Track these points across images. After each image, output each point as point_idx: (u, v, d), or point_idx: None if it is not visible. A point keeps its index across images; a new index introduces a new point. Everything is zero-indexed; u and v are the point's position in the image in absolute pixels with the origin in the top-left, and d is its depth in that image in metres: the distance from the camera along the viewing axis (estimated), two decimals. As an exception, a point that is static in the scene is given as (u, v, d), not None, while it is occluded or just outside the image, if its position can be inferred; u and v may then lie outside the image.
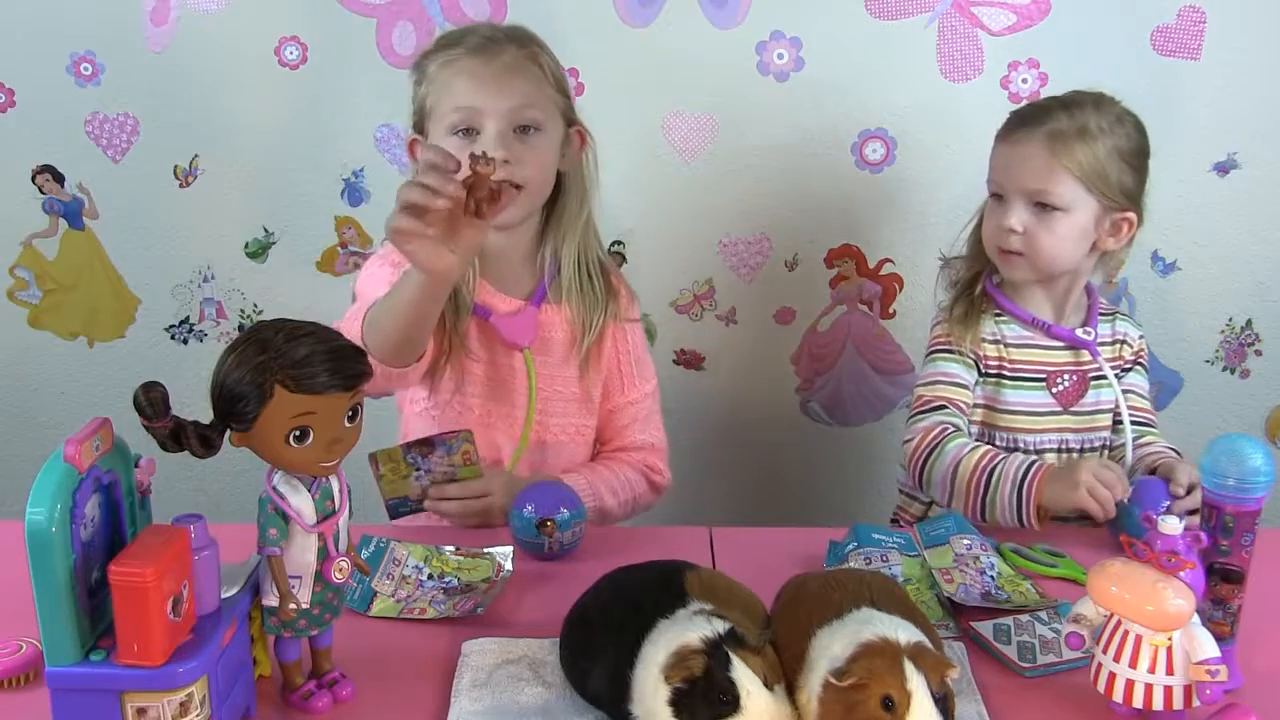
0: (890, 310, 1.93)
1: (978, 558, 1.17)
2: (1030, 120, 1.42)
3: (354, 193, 1.88)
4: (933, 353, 1.49)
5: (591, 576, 0.95)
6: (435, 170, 1.00)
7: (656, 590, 0.87)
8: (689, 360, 1.95)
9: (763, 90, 1.81)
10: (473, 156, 1.01)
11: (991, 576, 1.14)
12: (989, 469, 1.32)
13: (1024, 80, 1.79)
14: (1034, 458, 1.35)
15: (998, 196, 1.45)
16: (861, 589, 0.87)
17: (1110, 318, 1.53)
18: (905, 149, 1.84)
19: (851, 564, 1.16)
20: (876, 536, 1.21)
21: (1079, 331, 1.47)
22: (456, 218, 1.02)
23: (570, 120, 1.41)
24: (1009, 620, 1.05)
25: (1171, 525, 0.88)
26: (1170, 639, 0.87)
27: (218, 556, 0.85)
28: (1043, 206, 1.40)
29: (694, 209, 1.87)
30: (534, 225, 1.43)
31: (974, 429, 1.46)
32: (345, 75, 1.81)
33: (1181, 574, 0.87)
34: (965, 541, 1.20)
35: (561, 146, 1.39)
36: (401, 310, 1.12)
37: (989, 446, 1.37)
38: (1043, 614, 1.06)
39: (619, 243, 1.89)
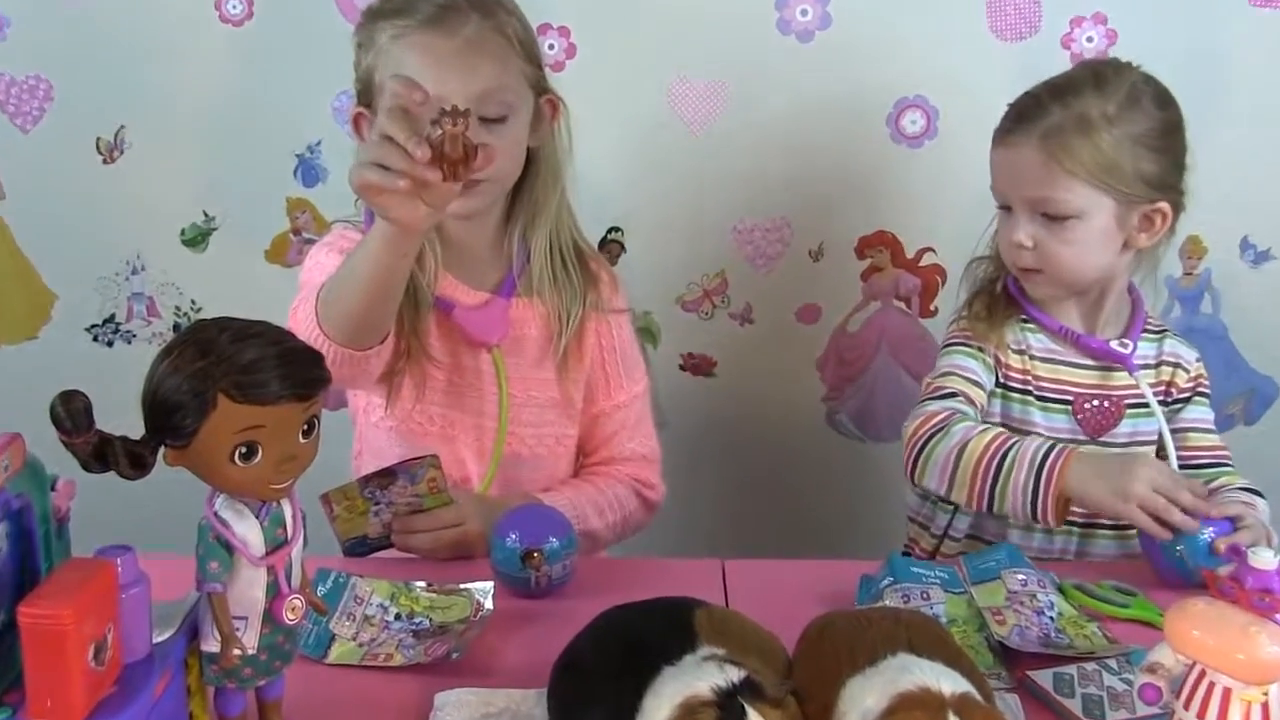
0: (931, 308, 1.94)
1: (1034, 595, 1.17)
2: (1024, 117, 1.42)
3: (309, 171, 1.88)
4: (948, 346, 1.50)
5: (585, 616, 0.95)
6: (403, 118, 1.00)
7: (661, 632, 0.87)
8: (697, 365, 1.96)
9: (783, 52, 1.81)
10: (442, 111, 1.01)
11: (1051, 617, 1.14)
12: (1003, 451, 1.32)
13: (1089, 39, 1.80)
14: (1056, 441, 1.34)
15: (1006, 208, 1.46)
16: (898, 631, 0.87)
17: (1158, 336, 1.52)
18: (948, 120, 1.84)
19: (887, 602, 1.16)
20: (915, 570, 1.21)
21: (1114, 344, 1.46)
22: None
23: (541, 89, 1.41)
24: (1072, 669, 1.05)
25: (1265, 559, 0.88)
26: (1266, 694, 0.86)
27: (149, 594, 0.84)
28: (1050, 216, 1.40)
29: (703, 190, 1.88)
30: (500, 207, 1.43)
31: None
32: (298, 34, 1.82)
33: (1277, 616, 0.86)
34: (1020, 577, 1.20)
35: (532, 120, 1.39)
36: (366, 273, 1.12)
37: (1004, 430, 1.37)
38: (1112, 662, 1.06)
39: (616, 229, 1.89)
